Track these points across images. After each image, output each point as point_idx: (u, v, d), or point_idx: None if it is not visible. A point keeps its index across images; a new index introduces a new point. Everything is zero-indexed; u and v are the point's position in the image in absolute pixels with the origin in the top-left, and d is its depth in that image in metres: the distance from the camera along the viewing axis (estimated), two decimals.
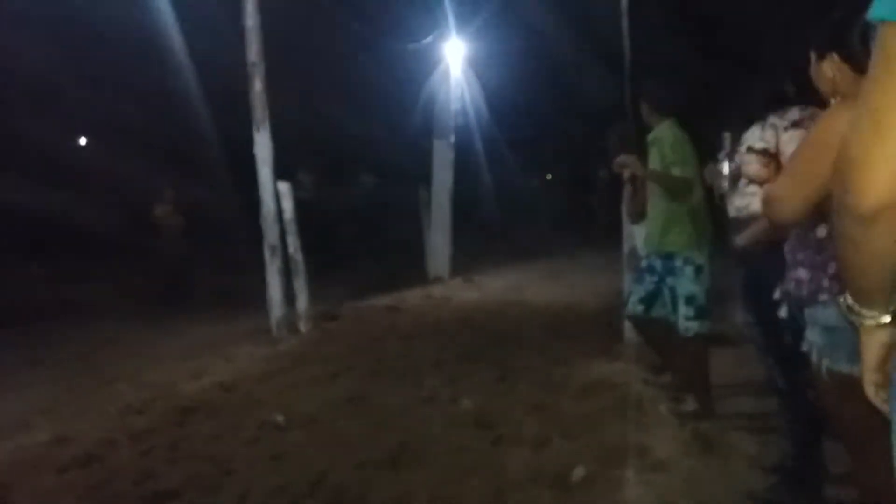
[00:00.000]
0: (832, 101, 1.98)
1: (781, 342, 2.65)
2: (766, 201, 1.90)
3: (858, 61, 1.35)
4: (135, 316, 7.08)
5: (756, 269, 2.69)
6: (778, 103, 2.75)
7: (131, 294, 8.30)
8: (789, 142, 2.57)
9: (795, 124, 2.59)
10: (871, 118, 0.87)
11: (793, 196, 1.81)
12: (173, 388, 4.53)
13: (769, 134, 2.69)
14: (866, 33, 0.93)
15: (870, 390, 1.19)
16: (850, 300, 1.12)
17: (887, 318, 1.09)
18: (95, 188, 11.12)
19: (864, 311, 1.10)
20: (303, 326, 6.01)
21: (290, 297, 6.05)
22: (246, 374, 4.84)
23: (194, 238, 8.70)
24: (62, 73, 11.23)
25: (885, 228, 0.91)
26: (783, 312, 2.16)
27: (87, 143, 16.74)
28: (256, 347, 5.52)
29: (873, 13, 0.94)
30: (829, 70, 1.91)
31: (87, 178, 11.84)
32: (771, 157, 2.65)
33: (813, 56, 1.99)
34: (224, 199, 11.41)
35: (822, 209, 1.85)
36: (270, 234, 5.98)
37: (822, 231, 1.92)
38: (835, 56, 1.88)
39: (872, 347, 1.15)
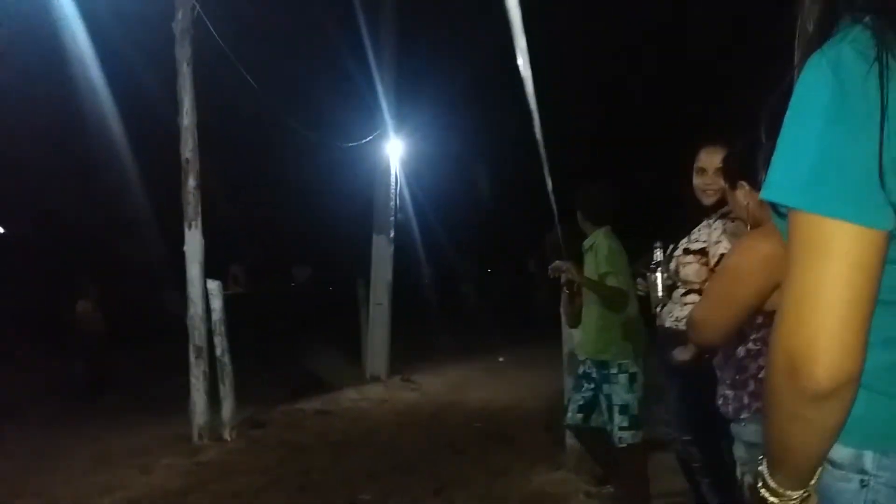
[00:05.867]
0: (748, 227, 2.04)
1: (720, 459, 2.60)
2: (689, 325, 1.93)
3: None
4: (44, 421, 6.50)
5: (693, 383, 2.61)
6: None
7: (42, 396, 7.66)
8: (716, 244, 2.65)
9: (722, 216, 2.68)
10: (807, 301, 0.82)
11: (713, 321, 1.84)
12: None
13: (704, 233, 2.74)
14: (769, 159, 0.88)
15: None
16: (774, 483, 0.95)
17: (808, 492, 0.94)
18: (9, 281, 10.45)
19: (791, 493, 0.94)
20: (227, 434, 5.61)
21: (215, 401, 5.68)
22: (162, 489, 4.44)
23: (116, 336, 8.22)
24: None
25: (841, 402, 0.83)
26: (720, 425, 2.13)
27: (2, 232, 15.99)
28: (176, 458, 5.10)
29: (765, 195, 0.87)
30: (742, 198, 1.99)
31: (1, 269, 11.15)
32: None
33: (727, 186, 2.07)
34: (151, 295, 10.92)
35: (743, 329, 1.87)
36: (196, 336, 5.67)
37: (741, 351, 1.93)
38: (745, 185, 1.96)
39: None
